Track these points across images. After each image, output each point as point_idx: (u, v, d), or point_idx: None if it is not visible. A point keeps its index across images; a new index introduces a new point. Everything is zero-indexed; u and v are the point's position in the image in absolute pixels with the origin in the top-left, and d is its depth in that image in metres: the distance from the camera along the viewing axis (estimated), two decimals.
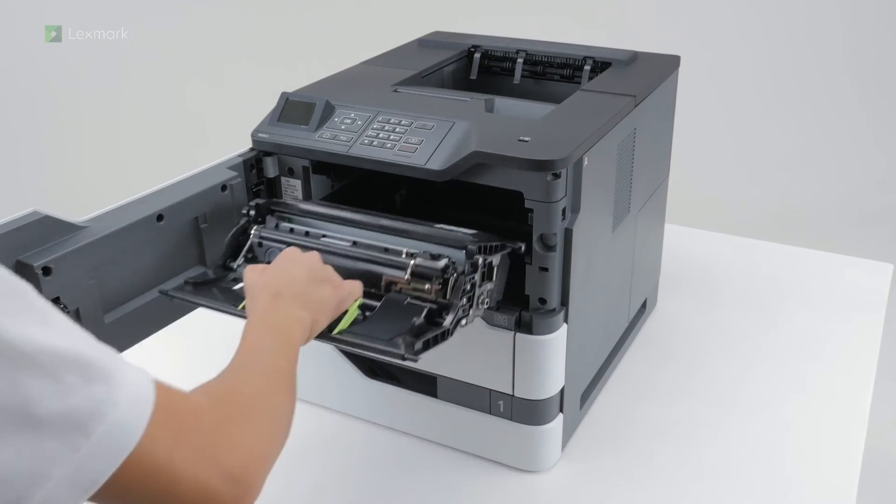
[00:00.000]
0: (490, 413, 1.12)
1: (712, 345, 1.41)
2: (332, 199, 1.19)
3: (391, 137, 1.05)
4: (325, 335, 0.89)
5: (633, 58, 1.33)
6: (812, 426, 1.22)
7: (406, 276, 0.95)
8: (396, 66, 1.30)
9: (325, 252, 0.98)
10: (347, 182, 1.21)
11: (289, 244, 0.99)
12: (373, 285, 0.97)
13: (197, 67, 3.59)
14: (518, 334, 1.05)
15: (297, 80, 1.30)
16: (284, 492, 1.12)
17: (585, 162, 1.02)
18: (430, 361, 1.13)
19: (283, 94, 1.12)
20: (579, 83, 1.33)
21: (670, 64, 1.33)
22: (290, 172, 1.13)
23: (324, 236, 1.03)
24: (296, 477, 1.14)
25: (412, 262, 0.96)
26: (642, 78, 1.25)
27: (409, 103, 1.12)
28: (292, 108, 1.11)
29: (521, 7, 3.42)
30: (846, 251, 1.71)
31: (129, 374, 0.56)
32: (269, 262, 0.92)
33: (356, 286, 0.92)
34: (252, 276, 0.87)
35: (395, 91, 1.18)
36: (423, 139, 1.03)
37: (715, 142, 3.41)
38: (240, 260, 1.02)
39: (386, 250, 0.99)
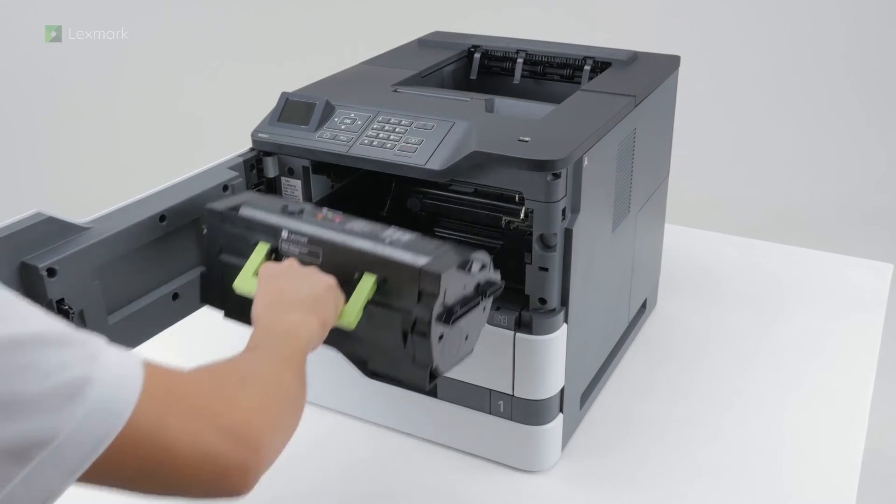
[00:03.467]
0: (490, 413, 1.12)
1: (712, 345, 1.41)
2: (332, 199, 1.19)
3: (391, 137, 1.05)
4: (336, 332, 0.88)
5: (633, 58, 1.33)
6: (812, 426, 1.22)
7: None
8: (396, 66, 1.30)
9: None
10: (347, 182, 1.21)
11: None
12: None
13: (197, 67, 3.59)
14: (518, 334, 1.05)
15: (297, 80, 1.30)
16: (284, 492, 1.12)
17: (585, 162, 1.02)
18: None
19: (283, 94, 1.13)
20: (579, 83, 1.33)
21: (670, 64, 1.33)
22: (290, 172, 1.13)
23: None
24: (296, 477, 1.14)
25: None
26: (642, 78, 1.25)
27: (409, 103, 1.12)
28: (292, 108, 1.11)
29: (521, 7, 3.42)
30: (846, 251, 1.71)
31: (113, 352, 0.55)
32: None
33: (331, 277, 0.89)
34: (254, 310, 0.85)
35: (395, 91, 1.18)
36: (423, 139, 1.03)
37: (715, 142, 3.41)
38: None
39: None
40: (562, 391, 1.11)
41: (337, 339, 0.91)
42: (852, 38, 3.37)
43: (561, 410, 1.12)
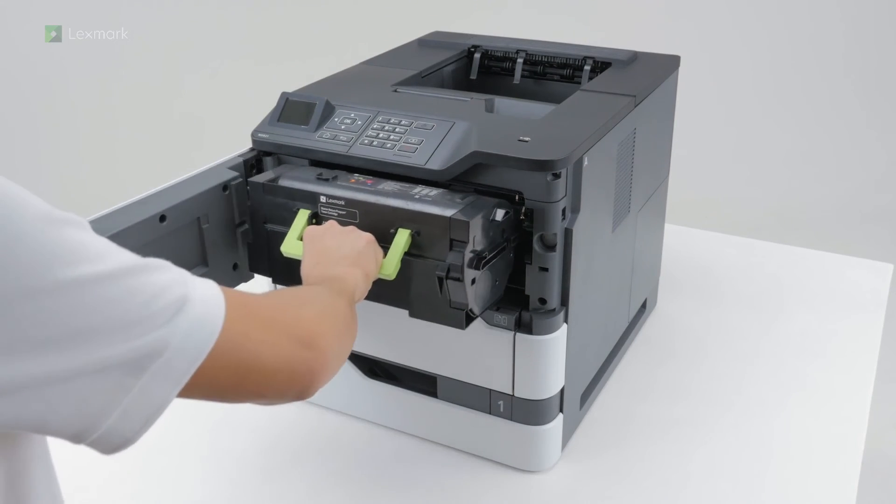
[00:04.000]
0: (490, 413, 1.12)
1: (712, 345, 1.41)
2: None
3: (391, 137, 1.05)
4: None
5: (633, 58, 1.33)
6: (812, 426, 1.22)
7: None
8: (396, 66, 1.30)
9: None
10: None
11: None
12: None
13: (197, 67, 3.60)
14: (518, 334, 1.05)
15: (297, 80, 1.31)
16: (284, 492, 1.12)
17: (585, 162, 1.02)
18: (430, 361, 1.14)
19: (283, 94, 1.13)
20: (579, 83, 1.33)
21: (670, 64, 1.33)
22: None
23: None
24: (296, 477, 1.14)
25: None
26: (642, 78, 1.25)
27: (409, 103, 1.12)
28: (292, 108, 1.11)
29: (521, 7, 3.42)
30: (846, 251, 1.71)
31: (197, 278, 0.63)
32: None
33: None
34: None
35: (395, 91, 1.18)
36: (423, 139, 1.03)
37: (715, 142, 3.41)
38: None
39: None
40: (562, 391, 1.11)
41: (379, 292, 1.00)
42: (852, 38, 3.37)
43: (561, 410, 1.12)
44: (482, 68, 1.41)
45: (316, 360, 0.70)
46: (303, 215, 1.02)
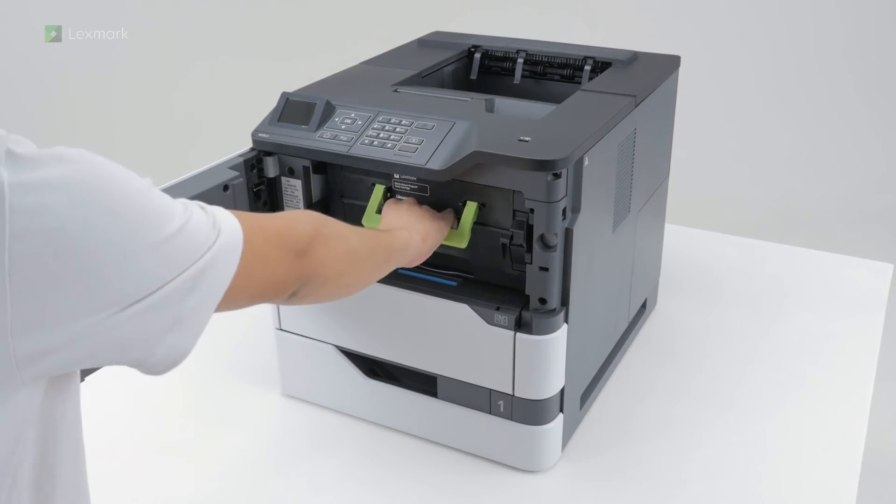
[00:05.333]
0: (490, 413, 1.12)
1: (712, 345, 1.41)
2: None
3: (391, 137, 1.05)
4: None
5: (633, 58, 1.33)
6: (812, 426, 1.22)
7: None
8: (396, 66, 1.30)
9: None
10: None
11: None
12: None
13: (197, 68, 3.60)
14: (518, 334, 1.05)
15: (297, 80, 1.30)
16: (284, 492, 1.12)
17: (586, 162, 1.02)
18: (429, 361, 1.14)
19: (284, 94, 1.13)
20: (579, 83, 1.33)
21: (670, 64, 1.33)
22: (291, 172, 1.13)
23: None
24: (296, 477, 1.14)
25: None
26: (642, 78, 1.25)
27: (410, 103, 1.12)
28: (292, 108, 1.11)
29: (521, 7, 3.42)
30: (846, 251, 1.71)
31: (217, 209, 0.72)
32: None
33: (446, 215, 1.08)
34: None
35: (396, 91, 1.18)
36: (423, 139, 1.03)
37: (715, 142, 3.41)
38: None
39: None
40: (562, 391, 1.11)
41: (449, 261, 1.11)
42: (853, 37, 3.37)
43: (561, 410, 1.12)
44: (482, 68, 1.41)
45: (305, 268, 0.81)
46: (378, 190, 1.11)
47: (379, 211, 1.10)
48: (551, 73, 1.37)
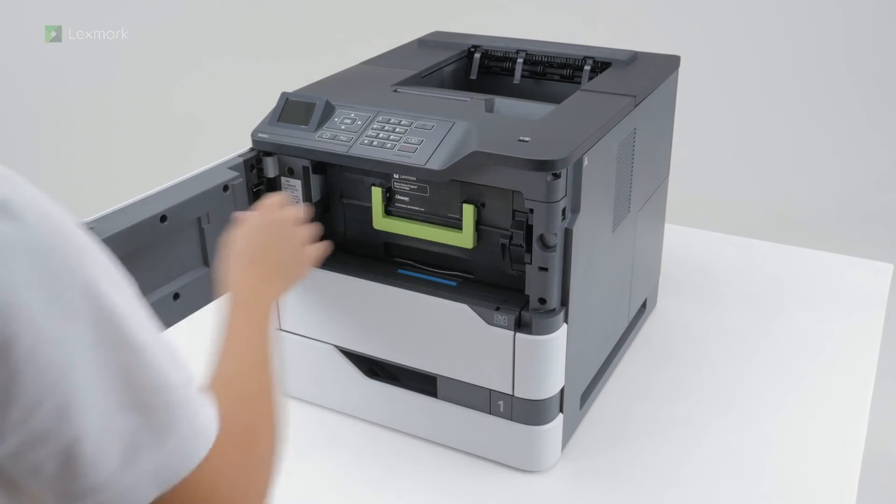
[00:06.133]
0: (490, 413, 1.12)
1: (712, 345, 1.41)
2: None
3: (391, 137, 1.05)
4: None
5: (633, 58, 1.33)
6: (812, 426, 1.22)
7: None
8: (396, 66, 1.30)
9: None
10: None
11: None
12: None
13: (197, 67, 3.59)
14: (518, 334, 1.05)
15: (297, 80, 1.30)
16: (284, 492, 1.12)
17: (585, 162, 1.02)
18: (429, 361, 1.14)
19: (283, 94, 1.13)
20: (579, 83, 1.33)
21: (670, 64, 1.33)
22: (290, 172, 1.13)
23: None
24: (296, 477, 1.14)
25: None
26: (642, 78, 1.25)
27: (409, 103, 1.12)
28: (292, 108, 1.11)
29: (521, 7, 3.42)
30: (846, 251, 1.71)
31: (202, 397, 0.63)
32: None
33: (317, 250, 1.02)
34: (238, 236, 0.94)
35: (395, 91, 1.18)
36: (423, 139, 1.03)
37: (715, 142, 3.41)
38: None
39: None
40: (562, 391, 1.11)
41: (449, 261, 1.12)
42: (853, 37, 3.37)
43: (561, 410, 1.12)
44: (482, 68, 1.41)
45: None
46: (378, 191, 1.10)
47: (385, 214, 1.11)
48: (551, 73, 1.37)
